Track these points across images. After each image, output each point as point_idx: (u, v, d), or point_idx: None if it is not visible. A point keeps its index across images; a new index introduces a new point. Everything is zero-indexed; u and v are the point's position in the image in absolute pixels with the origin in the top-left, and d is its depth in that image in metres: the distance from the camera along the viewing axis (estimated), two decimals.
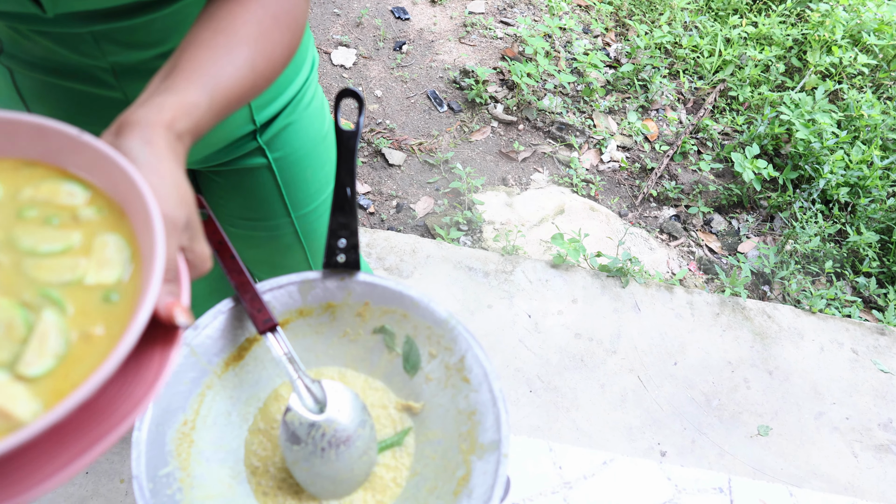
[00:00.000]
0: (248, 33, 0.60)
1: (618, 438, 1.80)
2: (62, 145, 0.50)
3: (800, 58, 2.77)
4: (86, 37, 0.69)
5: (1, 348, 0.44)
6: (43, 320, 0.44)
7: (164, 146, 0.52)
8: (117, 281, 0.47)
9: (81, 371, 0.44)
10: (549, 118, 2.55)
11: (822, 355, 2.02)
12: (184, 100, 0.54)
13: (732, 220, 2.39)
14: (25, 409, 0.42)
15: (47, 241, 0.48)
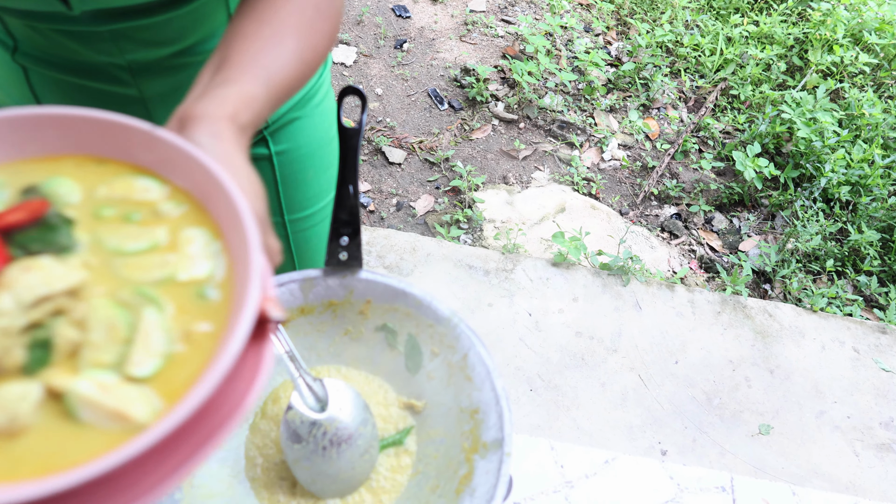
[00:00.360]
0: (294, 24, 0.60)
1: (618, 437, 1.80)
2: (134, 141, 0.49)
3: (801, 57, 2.77)
4: (105, 35, 0.69)
5: (105, 350, 0.43)
6: (145, 319, 0.44)
7: (232, 139, 0.51)
8: (209, 276, 0.46)
9: (189, 370, 0.43)
10: (549, 116, 2.55)
11: (823, 354, 2.02)
12: (243, 92, 0.54)
13: (733, 219, 2.39)
14: (141, 411, 0.41)
15: (132, 239, 0.47)
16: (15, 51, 0.73)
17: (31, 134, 0.49)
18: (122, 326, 0.43)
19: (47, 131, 0.49)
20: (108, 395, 0.41)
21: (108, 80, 0.73)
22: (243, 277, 0.44)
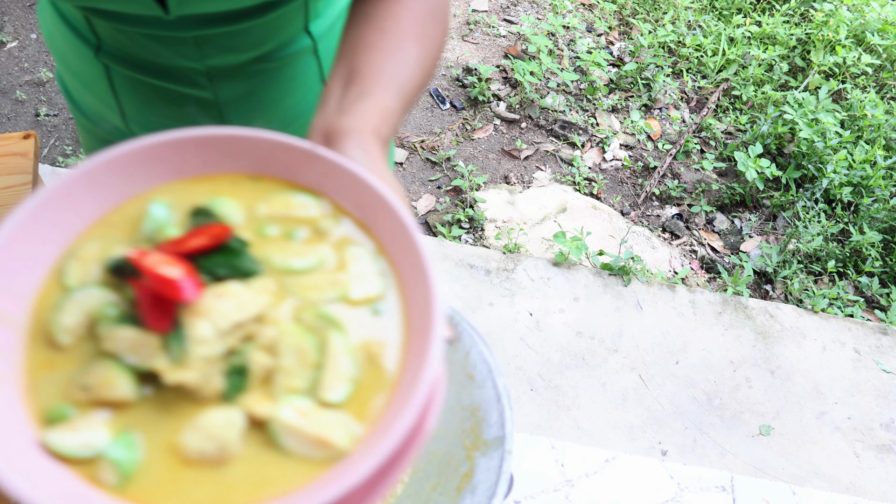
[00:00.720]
0: (413, 32, 0.61)
1: (619, 437, 1.80)
2: (294, 159, 0.49)
3: (803, 57, 2.77)
4: (189, 40, 0.70)
5: (297, 376, 0.43)
6: (332, 343, 0.43)
7: (379, 153, 0.51)
8: (380, 294, 0.46)
9: (377, 393, 0.43)
10: (551, 116, 2.56)
11: (824, 355, 2.02)
12: (382, 105, 0.54)
13: (735, 219, 2.39)
14: (342, 437, 0.41)
15: (299, 258, 0.47)
16: (98, 50, 0.74)
17: (191, 155, 0.49)
18: (311, 351, 0.43)
19: (206, 151, 0.49)
20: (310, 422, 0.41)
21: (185, 83, 0.75)
22: (423, 296, 0.43)
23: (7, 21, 2.57)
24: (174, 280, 0.41)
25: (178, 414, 0.41)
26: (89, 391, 0.41)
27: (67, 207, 0.46)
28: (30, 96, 2.38)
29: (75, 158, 2.22)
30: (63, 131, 2.32)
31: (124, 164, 0.47)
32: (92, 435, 0.40)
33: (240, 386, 0.42)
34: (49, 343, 0.43)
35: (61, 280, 0.45)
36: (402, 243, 0.46)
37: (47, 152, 2.27)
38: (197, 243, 0.44)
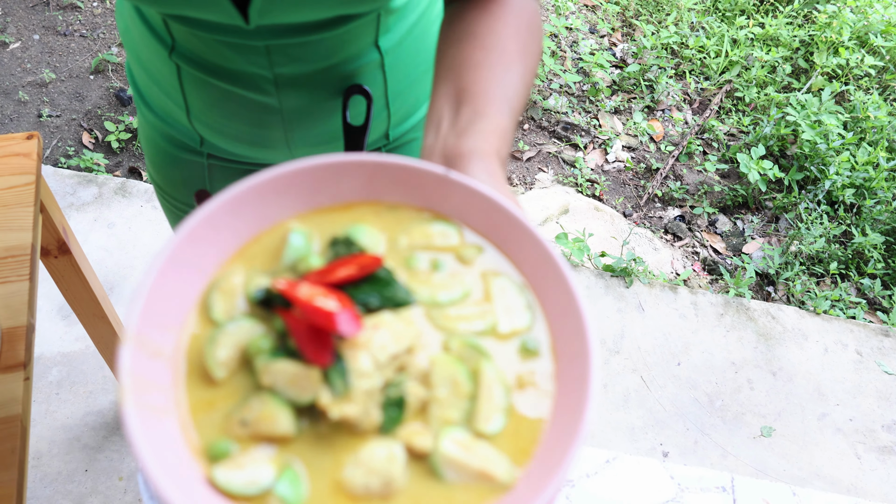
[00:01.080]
0: (515, 49, 0.61)
1: (620, 438, 1.81)
2: (428, 186, 0.48)
3: (806, 59, 2.77)
4: (260, 49, 0.71)
5: (452, 406, 0.42)
6: (485, 373, 0.43)
7: (502, 176, 0.51)
8: (528, 326, 0.46)
9: (528, 427, 0.42)
10: (554, 118, 2.56)
11: (826, 356, 2.02)
12: (498, 126, 0.54)
13: (737, 221, 2.39)
14: (503, 470, 0.41)
15: (444, 289, 0.47)
16: (172, 50, 0.75)
17: (325, 182, 0.48)
18: (464, 382, 0.43)
19: (340, 178, 0.49)
20: (472, 455, 0.41)
21: (252, 88, 0.76)
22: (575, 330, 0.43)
23: (10, 22, 2.59)
24: (334, 313, 0.41)
25: (338, 448, 0.41)
26: (249, 426, 0.41)
27: (208, 240, 0.46)
28: (32, 97, 2.39)
29: (77, 159, 2.23)
30: (65, 132, 2.33)
31: (261, 193, 0.47)
32: (257, 471, 0.40)
33: (398, 418, 0.42)
34: (204, 377, 0.43)
35: (208, 313, 0.45)
36: (546, 272, 0.45)
37: (49, 153, 2.28)
38: (345, 273, 0.44)
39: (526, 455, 0.42)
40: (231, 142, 0.84)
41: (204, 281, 0.46)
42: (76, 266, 1.21)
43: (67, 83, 2.45)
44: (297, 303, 0.41)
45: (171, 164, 0.91)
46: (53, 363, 1.77)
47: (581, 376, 0.41)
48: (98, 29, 2.60)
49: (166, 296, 0.43)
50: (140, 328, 0.41)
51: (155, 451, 0.38)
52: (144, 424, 0.39)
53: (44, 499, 1.59)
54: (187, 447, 0.41)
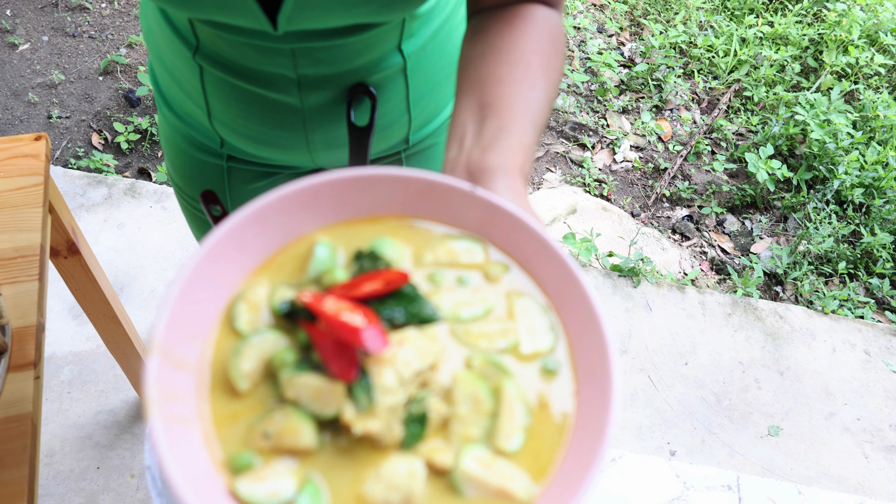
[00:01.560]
0: (539, 64, 0.61)
1: (627, 438, 1.81)
2: (454, 201, 0.48)
3: (816, 58, 2.76)
4: (286, 51, 0.72)
5: (473, 423, 0.43)
6: (506, 391, 0.43)
7: (525, 193, 0.51)
8: (549, 348, 0.46)
9: (549, 444, 0.43)
10: (562, 118, 2.56)
11: (834, 356, 2.01)
12: (522, 142, 0.54)
13: (745, 221, 2.38)
14: (522, 488, 0.41)
15: (468, 306, 0.47)
16: (196, 52, 0.76)
17: (351, 195, 0.49)
18: (486, 399, 0.43)
19: (369, 192, 0.49)
20: (491, 473, 0.41)
21: (275, 89, 0.76)
22: (597, 353, 0.43)
23: (19, 24, 2.61)
24: (360, 329, 0.41)
25: (360, 463, 0.41)
26: (271, 439, 0.41)
27: (234, 251, 0.46)
28: (42, 98, 2.41)
29: (87, 160, 2.25)
30: (75, 133, 2.35)
31: (288, 205, 0.47)
32: (279, 484, 0.40)
33: (419, 434, 0.42)
34: (228, 389, 0.43)
35: (232, 325, 0.45)
36: (569, 292, 0.45)
37: (59, 154, 2.30)
38: (371, 288, 0.44)
39: (545, 474, 0.42)
40: (251, 143, 0.84)
41: (229, 292, 0.46)
42: (86, 266, 1.22)
43: (76, 84, 2.47)
44: (322, 317, 0.41)
45: (191, 165, 0.92)
46: (65, 362, 1.79)
47: (602, 398, 0.41)
48: (106, 30, 2.62)
49: (191, 307, 0.44)
50: (165, 339, 0.41)
51: (179, 461, 0.38)
52: (169, 435, 0.39)
53: (56, 496, 1.61)
54: (210, 458, 0.41)
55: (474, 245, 0.49)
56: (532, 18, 0.63)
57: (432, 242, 0.49)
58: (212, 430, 0.42)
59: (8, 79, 2.45)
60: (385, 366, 0.41)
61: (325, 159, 0.86)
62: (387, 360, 0.42)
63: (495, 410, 0.43)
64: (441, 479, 0.41)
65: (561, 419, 0.44)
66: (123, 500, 1.62)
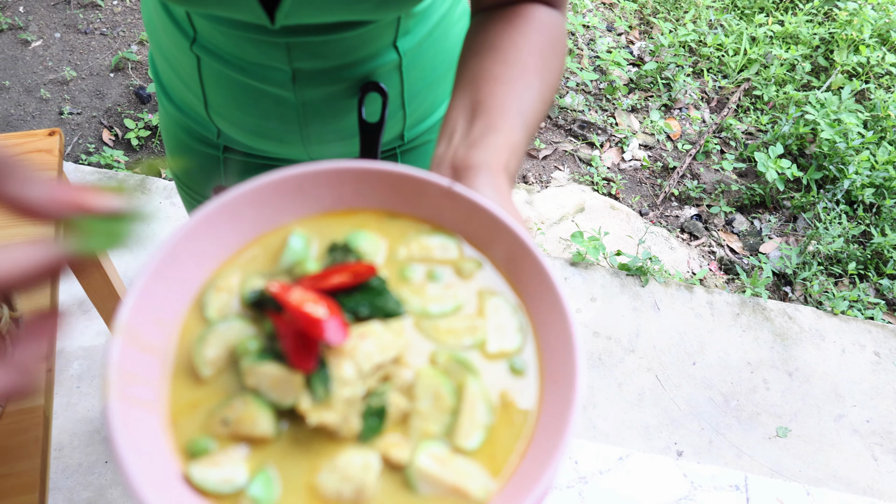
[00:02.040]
0: (535, 65, 0.61)
1: (634, 437, 1.80)
2: (431, 196, 0.48)
3: (826, 57, 2.74)
4: (281, 45, 0.72)
5: (433, 420, 0.43)
6: (469, 388, 0.43)
7: (508, 191, 0.51)
8: (517, 349, 0.46)
9: (508, 444, 0.43)
10: (570, 116, 2.55)
11: (843, 357, 2.00)
12: (509, 140, 0.54)
13: (754, 221, 2.37)
14: (478, 487, 0.41)
15: (437, 301, 0.47)
16: (193, 42, 0.77)
17: (330, 187, 0.49)
18: (448, 396, 0.43)
19: (345, 184, 0.49)
20: (447, 470, 0.41)
21: (270, 83, 0.77)
22: (564, 357, 0.43)
23: (32, 20, 2.62)
24: (321, 320, 0.41)
25: (315, 453, 0.41)
26: (230, 426, 0.42)
27: (209, 238, 0.46)
28: (54, 94, 2.43)
29: (98, 156, 2.26)
30: (86, 129, 2.36)
31: (264, 196, 0.47)
32: (232, 470, 0.41)
33: (377, 428, 0.42)
34: (191, 374, 0.44)
35: (202, 311, 0.46)
36: (542, 293, 0.45)
37: (70, 150, 2.31)
38: (338, 280, 0.44)
39: (503, 473, 0.42)
40: (247, 135, 0.85)
41: (202, 279, 0.46)
42: (97, 262, 1.23)
43: (88, 81, 2.48)
44: (287, 307, 0.42)
45: (189, 155, 0.93)
46: (74, 357, 1.80)
47: (565, 402, 0.41)
48: (118, 27, 2.63)
49: (162, 291, 0.44)
50: (131, 321, 0.42)
51: (133, 443, 0.39)
52: (126, 416, 0.39)
53: (65, 490, 1.62)
54: (167, 443, 0.41)
55: (449, 241, 0.49)
56: (532, 19, 0.63)
57: (408, 238, 0.49)
58: (172, 416, 0.42)
59: (20, 75, 2.46)
60: (345, 358, 0.41)
61: (320, 153, 0.87)
62: (347, 353, 0.42)
63: (456, 407, 0.43)
64: (396, 475, 0.41)
65: (523, 419, 0.43)
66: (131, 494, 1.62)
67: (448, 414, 0.43)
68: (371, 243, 0.48)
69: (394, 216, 0.50)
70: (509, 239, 0.46)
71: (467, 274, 0.48)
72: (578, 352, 0.42)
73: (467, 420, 0.42)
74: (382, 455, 0.41)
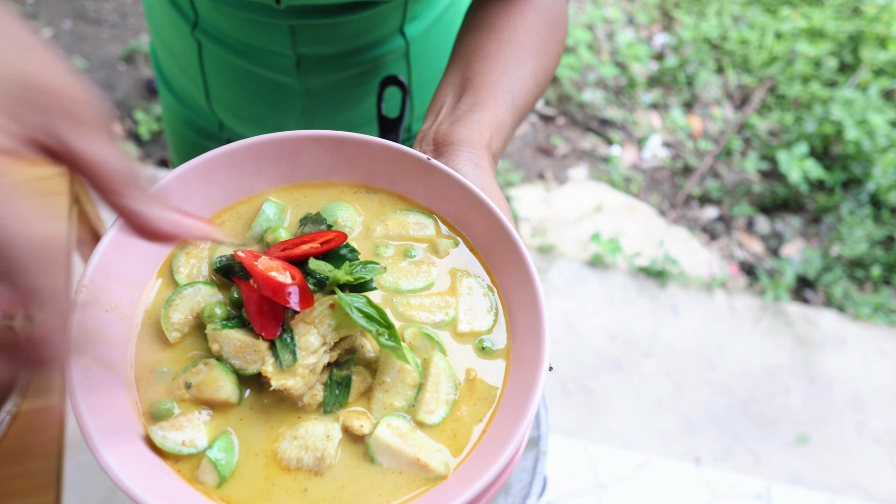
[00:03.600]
0: (531, 45, 0.60)
1: (652, 443, 1.78)
2: (410, 170, 0.48)
3: (853, 53, 2.68)
4: (285, 28, 0.70)
5: (397, 394, 0.43)
6: (435, 364, 0.44)
7: (489, 169, 0.51)
8: (487, 330, 0.46)
9: (470, 421, 0.43)
10: (589, 112, 2.51)
11: (865, 364, 1.97)
12: (495, 118, 0.54)
13: (777, 222, 2.33)
14: (438, 461, 0.42)
15: (409, 278, 0.47)
16: (195, 26, 0.75)
17: (306, 155, 0.48)
18: (412, 371, 0.44)
19: (324, 154, 0.49)
20: (408, 444, 0.42)
21: (274, 69, 0.75)
22: (532, 337, 0.44)
23: (41, 9, 2.59)
24: (286, 285, 0.41)
25: (277, 421, 0.42)
26: (192, 390, 0.42)
27: (181, 198, 0.46)
28: None
29: None
30: None
31: (237, 160, 0.47)
32: (194, 434, 0.41)
33: (341, 400, 0.43)
34: (158, 337, 0.44)
35: (172, 275, 0.46)
36: (514, 271, 0.46)
37: None
38: (307, 248, 0.44)
39: (464, 449, 0.42)
40: (249, 126, 0.83)
41: None
42: None
43: (98, 72, 2.45)
44: (254, 273, 0.42)
45: (193, 150, 0.91)
46: None
47: (530, 381, 0.42)
48: (128, 17, 2.60)
49: (128, 252, 0.44)
50: (96, 279, 0.41)
51: (94, 402, 0.39)
52: (88, 375, 0.39)
53: (78, 489, 1.61)
54: (130, 404, 0.42)
55: (426, 219, 0.49)
56: (533, 0, 0.62)
57: (384, 213, 0.49)
58: (137, 378, 0.43)
59: None
60: (309, 326, 0.42)
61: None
62: (311, 320, 0.42)
63: (421, 382, 0.43)
64: (358, 446, 0.42)
65: (488, 397, 0.44)
66: None
67: (413, 388, 0.43)
68: (349, 215, 0.49)
69: (371, 190, 0.50)
70: (485, 217, 0.46)
71: (443, 252, 0.48)
72: (546, 333, 0.43)
73: (431, 395, 0.43)
74: (344, 425, 0.42)
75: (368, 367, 0.44)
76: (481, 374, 0.45)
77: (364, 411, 0.43)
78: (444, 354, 0.45)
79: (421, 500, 0.40)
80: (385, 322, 0.42)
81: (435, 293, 0.47)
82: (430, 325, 0.45)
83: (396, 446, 0.41)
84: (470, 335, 0.46)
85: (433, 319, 0.46)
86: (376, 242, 0.48)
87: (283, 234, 0.47)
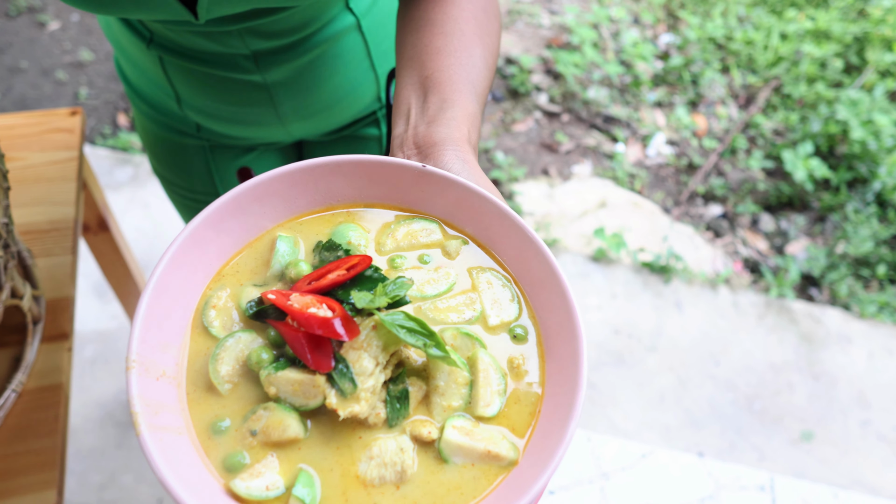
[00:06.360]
0: (473, 32, 0.61)
1: (655, 438, 1.77)
2: (406, 180, 0.50)
3: (859, 55, 2.68)
4: (232, 32, 0.72)
5: (453, 394, 0.45)
6: (480, 360, 0.46)
7: (475, 163, 0.52)
8: (515, 318, 0.48)
9: (527, 404, 0.45)
10: (594, 110, 2.51)
11: (870, 362, 1.95)
12: (466, 112, 0.55)
13: (781, 220, 2.32)
14: (507, 449, 0.43)
15: (431, 284, 0.49)
16: (150, 42, 0.76)
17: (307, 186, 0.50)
18: (462, 370, 0.45)
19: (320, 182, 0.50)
20: (476, 440, 0.43)
21: (234, 69, 0.76)
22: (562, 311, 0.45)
23: (50, 2, 2.60)
24: (329, 319, 0.42)
25: (346, 446, 0.43)
26: (259, 436, 0.43)
27: (196, 256, 0.47)
28: (71, 77, 2.41)
29: (114, 140, 2.24)
30: (102, 112, 2.34)
31: (241, 204, 0.48)
32: (272, 477, 0.42)
33: (403, 413, 0.44)
34: (210, 392, 0.45)
35: (205, 329, 0.47)
36: (528, 255, 0.47)
37: (87, 133, 2.29)
38: (334, 277, 0.45)
39: (527, 429, 0.44)
40: (224, 124, 0.84)
41: (196, 297, 0.48)
42: (115, 243, 1.21)
43: (105, 64, 2.46)
44: (290, 313, 0.43)
45: (173, 151, 0.92)
46: (88, 340, 1.78)
47: (572, 355, 0.44)
48: None
49: (162, 317, 0.45)
50: (141, 352, 0.43)
51: (175, 470, 0.40)
52: (161, 445, 0.41)
53: (78, 473, 1.60)
54: (204, 462, 0.43)
55: (430, 224, 0.51)
56: None
57: (390, 227, 0.51)
58: (199, 435, 0.44)
59: (37, 57, 2.44)
60: (360, 351, 0.43)
61: (300, 131, 0.86)
62: (360, 346, 0.43)
63: (472, 379, 0.45)
64: (429, 451, 0.43)
65: (534, 379, 0.46)
66: (144, 479, 1.60)
67: (466, 387, 0.45)
68: (358, 235, 0.50)
69: (370, 207, 0.51)
70: (487, 208, 0.48)
71: (454, 252, 0.50)
72: (574, 307, 0.45)
73: (484, 389, 0.45)
74: (412, 435, 0.44)
75: (419, 376, 0.45)
76: (522, 360, 0.46)
77: (426, 419, 0.44)
78: (485, 348, 0.46)
79: (502, 489, 0.41)
80: (427, 331, 0.43)
81: (459, 292, 0.48)
82: (464, 323, 0.47)
83: (467, 445, 0.43)
84: (500, 326, 0.47)
85: (464, 318, 0.47)
86: (391, 255, 0.50)
87: (305, 267, 0.48)
